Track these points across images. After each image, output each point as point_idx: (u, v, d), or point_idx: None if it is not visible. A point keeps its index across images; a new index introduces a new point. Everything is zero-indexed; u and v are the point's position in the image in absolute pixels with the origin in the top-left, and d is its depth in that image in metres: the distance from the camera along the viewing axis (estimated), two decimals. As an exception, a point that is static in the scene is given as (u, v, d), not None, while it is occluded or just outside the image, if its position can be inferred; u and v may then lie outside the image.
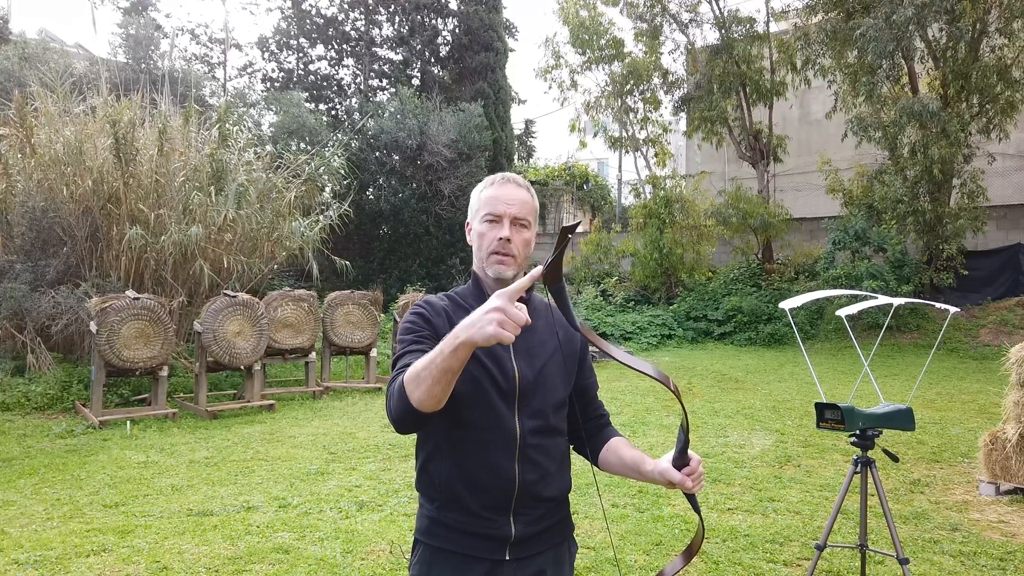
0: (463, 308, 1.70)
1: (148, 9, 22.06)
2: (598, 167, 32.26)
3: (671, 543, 4.37)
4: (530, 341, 1.71)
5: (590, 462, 1.86)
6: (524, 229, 1.71)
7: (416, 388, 1.40)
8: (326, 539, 4.46)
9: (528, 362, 1.69)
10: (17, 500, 5.29)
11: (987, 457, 5.36)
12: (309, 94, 23.31)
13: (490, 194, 1.72)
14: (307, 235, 11.78)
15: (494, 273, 1.69)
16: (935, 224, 14.49)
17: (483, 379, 1.64)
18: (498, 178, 1.75)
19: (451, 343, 1.34)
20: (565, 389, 1.76)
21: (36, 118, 10.57)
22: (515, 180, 1.74)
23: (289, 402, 9.49)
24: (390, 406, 1.51)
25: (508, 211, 1.69)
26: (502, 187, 1.72)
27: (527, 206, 1.72)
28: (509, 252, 1.68)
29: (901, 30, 13.10)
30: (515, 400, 1.66)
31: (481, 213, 1.71)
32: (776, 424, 7.84)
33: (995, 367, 8.49)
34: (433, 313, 1.69)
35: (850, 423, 3.26)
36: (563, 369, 1.76)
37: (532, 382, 1.68)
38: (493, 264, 1.69)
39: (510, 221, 1.68)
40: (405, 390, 1.42)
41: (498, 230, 1.68)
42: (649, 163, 20.05)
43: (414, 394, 1.41)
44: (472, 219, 1.76)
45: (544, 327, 1.77)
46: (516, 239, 1.69)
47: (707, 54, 18.20)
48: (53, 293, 9.50)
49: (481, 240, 1.71)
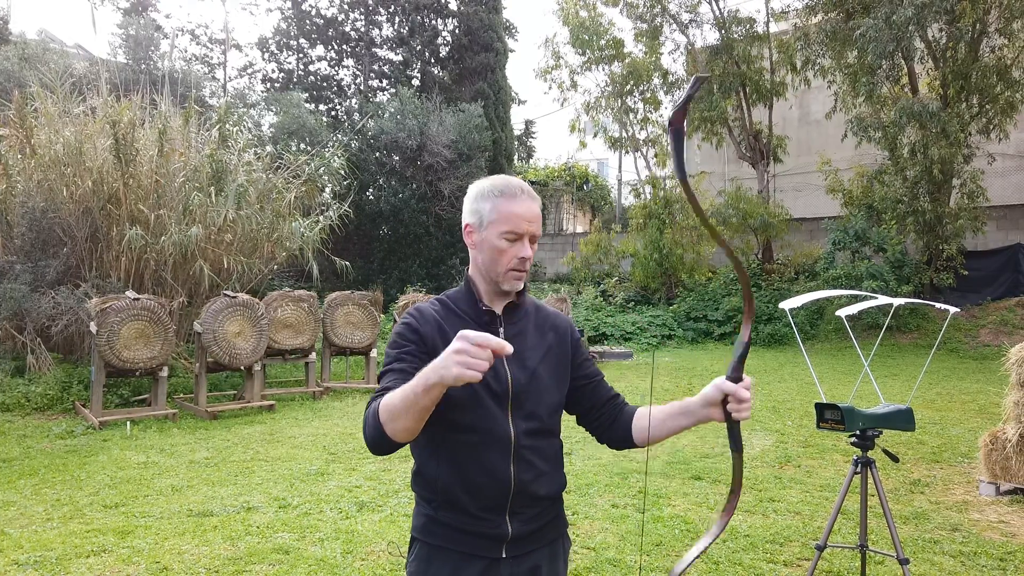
0: (455, 313, 1.72)
1: (148, 10, 22.06)
2: (598, 167, 32.26)
3: (671, 543, 4.37)
4: (522, 344, 1.73)
5: (621, 448, 1.85)
6: (534, 242, 1.73)
7: (390, 421, 1.46)
8: (326, 539, 4.46)
9: (520, 365, 1.70)
10: (17, 501, 5.29)
11: (987, 457, 5.36)
12: (309, 95, 23.31)
13: (510, 210, 1.67)
14: (307, 236, 11.78)
15: (510, 287, 1.71)
16: (935, 224, 14.49)
17: (477, 385, 1.63)
18: (514, 188, 1.70)
19: (423, 383, 1.39)
20: (558, 390, 1.78)
21: (36, 119, 10.57)
22: (529, 192, 1.71)
23: (289, 402, 9.49)
24: (366, 432, 1.54)
25: (529, 229, 1.68)
26: (520, 202, 1.68)
27: (540, 220, 1.73)
28: (526, 269, 1.71)
29: (901, 30, 13.11)
30: (508, 403, 1.67)
31: (501, 229, 1.67)
32: (776, 424, 7.84)
33: (995, 367, 8.49)
34: (422, 321, 1.69)
35: (850, 423, 3.27)
36: (556, 370, 1.78)
37: (525, 385, 1.69)
38: (510, 280, 1.70)
39: (529, 239, 1.69)
40: (380, 420, 1.47)
41: (519, 248, 1.68)
42: (649, 163, 20.05)
43: (388, 426, 1.47)
44: (481, 228, 1.70)
45: (534, 329, 1.78)
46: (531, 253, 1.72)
47: (707, 54, 18.20)
48: (53, 294, 9.49)
49: (500, 256, 1.68)
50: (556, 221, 26.73)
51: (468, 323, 1.71)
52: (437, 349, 1.61)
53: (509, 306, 1.76)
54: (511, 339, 1.71)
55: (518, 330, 1.75)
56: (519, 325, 1.76)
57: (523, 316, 1.78)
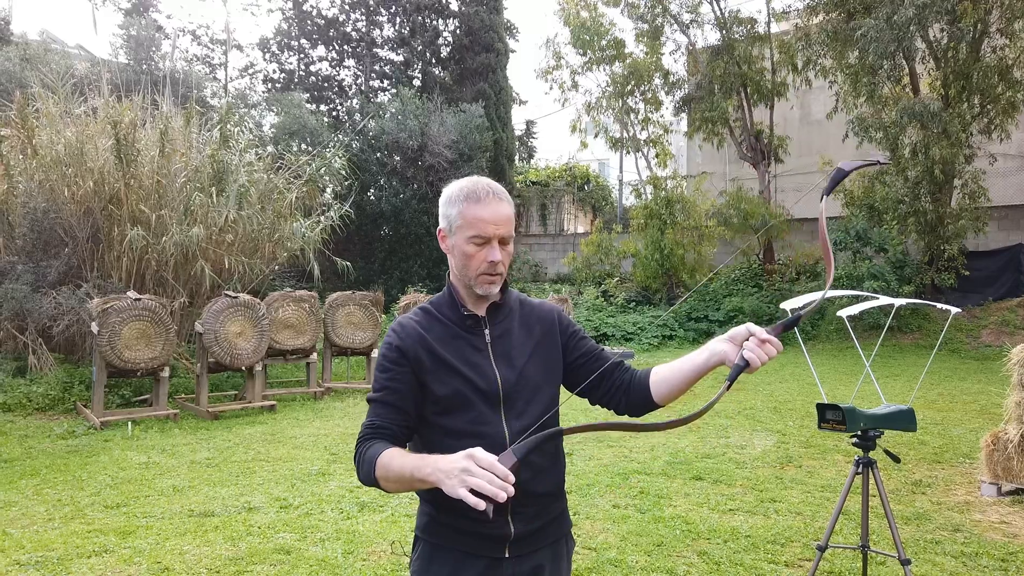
0: (437, 320, 1.73)
1: (149, 10, 22.07)
2: (599, 168, 32.25)
3: (672, 544, 4.37)
4: (508, 344, 1.74)
5: (643, 412, 1.81)
6: (507, 243, 1.70)
7: (384, 480, 1.57)
8: (327, 540, 4.46)
9: (508, 364, 1.71)
10: (19, 501, 5.30)
11: (989, 458, 5.35)
12: (310, 95, 23.32)
13: (475, 214, 1.65)
14: (308, 236, 11.79)
15: (483, 292, 1.71)
16: (936, 224, 14.47)
17: (466, 389, 1.67)
18: (480, 191, 1.67)
19: (421, 475, 1.48)
20: (549, 385, 1.78)
21: (37, 119, 10.58)
22: (497, 193, 1.68)
23: (290, 403, 9.49)
24: (359, 471, 1.63)
25: (496, 232, 1.66)
26: (486, 206, 1.65)
27: (510, 221, 1.70)
28: (498, 272, 1.69)
29: (902, 31, 13.09)
30: (500, 403, 1.68)
31: (467, 234, 1.66)
32: (777, 425, 7.83)
33: (996, 368, 8.48)
34: (404, 336, 1.70)
35: (851, 424, 3.26)
36: (545, 365, 1.78)
37: (515, 384, 1.70)
38: (483, 284, 1.69)
39: (498, 241, 1.67)
40: (375, 474, 1.57)
41: (487, 252, 1.66)
42: (650, 164, 20.03)
43: (382, 482, 1.58)
44: (451, 233, 1.70)
45: (520, 326, 1.79)
46: (502, 255, 1.69)
47: (708, 55, 18.19)
48: (54, 294, 9.50)
49: (469, 261, 1.67)
50: (557, 221, 26.72)
51: (451, 328, 1.72)
52: (421, 360, 1.67)
53: (492, 306, 1.76)
54: (496, 339, 1.73)
55: (503, 330, 1.75)
56: (504, 325, 1.76)
57: (508, 315, 1.78)
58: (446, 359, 1.67)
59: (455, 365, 1.67)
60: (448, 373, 1.67)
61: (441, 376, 1.67)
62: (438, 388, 1.66)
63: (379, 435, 1.66)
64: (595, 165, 31.41)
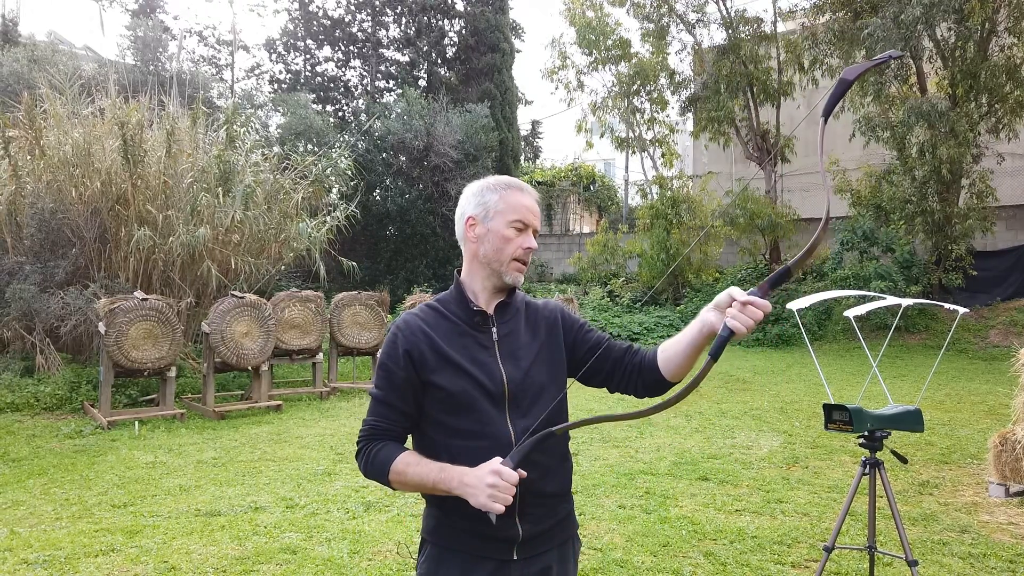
0: (444, 317, 1.73)
1: (156, 11, 22.16)
2: (605, 168, 32.22)
3: (678, 544, 4.36)
4: (514, 343, 1.74)
5: (659, 392, 1.80)
6: (535, 236, 1.79)
7: (398, 482, 1.64)
8: (333, 539, 4.46)
9: (514, 364, 1.71)
10: (26, 500, 5.32)
11: (996, 459, 5.32)
12: (316, 95, 23.39)
13: (519, 200, 1.74)
14: (314, 236, 11.81)
15: (512, 280, 1.73)
16: (944, 224, 14.41)
17: (472, 388, 1.66)
18: (518, 183, 1.79)
19: (447, 485, 1.56)
20: (555, 384, 1.77)
21: (45, 120, 10.62)
22: (532, 191, 1.80)
23: (296, 403, 9.51)
24: (366, 469, 1.68)
25: (534, 222, 1.76)
26: (529, 195, 1.77)
27: (540, 217, 1.84)
28: (527, 261, 1.75)
29: (909, 30, 13.04)
30: (505, 403, 1.68)
31: (511, 218, 1.72)
32: (784, 425, 7.81)
33: (1004, 368, 8.43)
34: (407, 334, 1.70)
35: (858, 424, 3.25)
36: (551, 364, 1.77)
37: (520, 383, 1.70)
38: (513, 271, 1.73)
39: (532, 232, 1.75)
40: (388, 477, 1.63)
41: (525, 239, 1.73)
42: (656, 163, 20.01)
43: (395, 483, 1.64)
44: (488, 219, 1.73)
45: (526, 326, 1.79)
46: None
47: (714, 54, 18.15)
48: (62, 294, 9.54)
49: (506, 244, 1.71)
50: (563, 221, 26.71)
51: (459, 326, 1.71)
52: (424, 358, 1.67)
53: (500, 305, 1.76)
54: (503, 338, 1.73)
55: (509, 329, 1.76)
56: (510, 324, 1.76)
57: (514, 314, 1.78)
58: (452, 357, 1.67)
59: (461, 363, 1.67)
60: (454, 371, 1.67)
61: (446, 374, 1.66)
62: (443, 386, 1.66)
63: (383, 436, 1.69)
64: (601, 165, 31.38)
